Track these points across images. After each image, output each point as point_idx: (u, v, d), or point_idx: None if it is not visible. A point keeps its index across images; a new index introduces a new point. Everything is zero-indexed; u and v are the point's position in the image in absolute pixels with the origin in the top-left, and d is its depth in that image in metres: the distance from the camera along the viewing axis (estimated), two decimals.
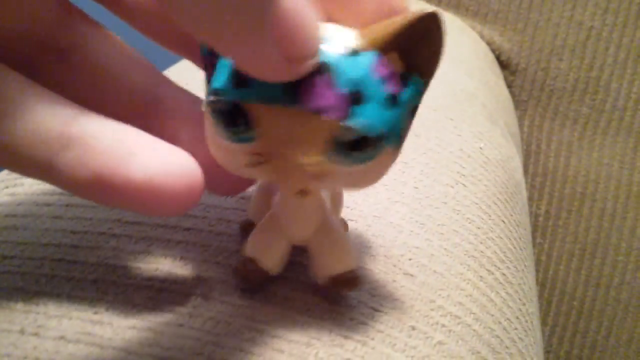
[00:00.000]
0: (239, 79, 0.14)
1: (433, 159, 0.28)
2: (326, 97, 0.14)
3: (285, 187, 0.17)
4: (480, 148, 0.31)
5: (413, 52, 0.15)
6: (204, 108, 0.15)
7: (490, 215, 0.27)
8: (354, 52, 0.14)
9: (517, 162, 0.37)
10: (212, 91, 0.15)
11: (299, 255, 0.19)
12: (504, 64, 0.52)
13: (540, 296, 0.52)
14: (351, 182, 0.16)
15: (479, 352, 0.20)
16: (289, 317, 0.17)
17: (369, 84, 0.14)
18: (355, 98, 0.14)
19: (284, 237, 0.18)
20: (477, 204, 0.27)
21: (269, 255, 0.18)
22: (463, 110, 0.35)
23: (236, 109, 0.14)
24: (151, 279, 0.18)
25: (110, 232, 0.20)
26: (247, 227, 0.20)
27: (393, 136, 0.15)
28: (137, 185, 0.14)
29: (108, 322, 0.17)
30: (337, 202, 0.20)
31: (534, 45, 0.51)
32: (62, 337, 0.16)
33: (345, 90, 0.14)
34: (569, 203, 0.52)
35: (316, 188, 0.16)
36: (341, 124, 0.14)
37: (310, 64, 0.14)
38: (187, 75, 0.24)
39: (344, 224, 0.21)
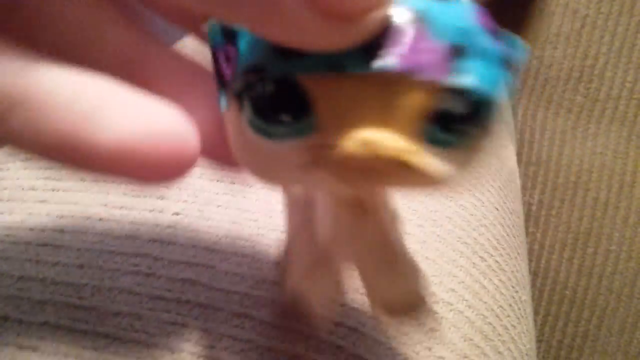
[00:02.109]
0: (286, 49, 0.10)
1: None
2: (426, 52, 0.10)
3: (337, 199, 0.12)
4: None
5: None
6: (223, 105, 0.11)
7: (483, 202, 0.27)
8: None
9: (510, 150, 0.37)
10: (249, 67, 0.10)
11: None
12: None
13: (533, 285, 0.52)
14: (438, 180, 0.10)
15: (471, 339, 0.19)
16: (279, 302, 0.17)
17: (475, 32, 0.10)
18: (459, 51, 0.10)
19: (334, 264, 0.14)
20: (470, 190, 0.26)
21: (323, 293, 0.14)
22: None
23: (286, 88, 0.10)
24: (138, 264, 0.18)
25: (97, 216, 0.20)
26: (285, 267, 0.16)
27: (500, 108, 0.11)
28: (106, 151, 0.11)
29: (93, 307, 0.16)
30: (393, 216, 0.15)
31: (528, 34, 0.51)
32: (46, 323, 0.16)
33: (445, 42, 0.10)
34: (562, 192, 0.51)
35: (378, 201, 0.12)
36: (444, 83, 0.10)
37: (377, 18, 0.09)
38: None
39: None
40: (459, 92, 0.10)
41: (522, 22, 0.39)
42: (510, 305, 0.23)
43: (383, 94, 0.10)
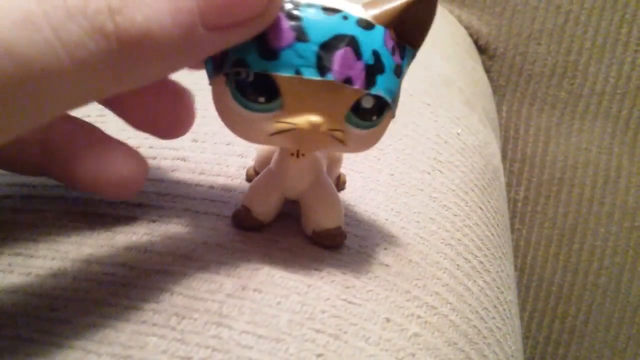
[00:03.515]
0: (268, 51, 0.15)
1: (409, 146, 0.27)
2: (354, 68, 0.15)
3: (305, 151, 0.18)
4: (458, 134, 0.31)
5: (407, 26, 0.16)
6: (210, 82, 0.16)
7: (467, 202, 0.26)
8: (370, 25, 0.16)
9: (494, 148, 0.37)
10: (236, 61, 0.15)
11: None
12: (482, 49, 0.51)
13: (519, 282, 0.52)
14: (361, 145, 0.17)
15: (455, 343, 0.19)
16: (258, 311, 0.17)
17: (384, 54, 0.16)
18: (377, 68, 0.15)
19: (278, 191, 0.19)
20: (454, 190, 0.26)
21: (262, 205, 0.19)
22: (440, 96, 0.34)
23: (262, 79, 0.15)
24: (114, 273, 0.17)
25: (72, 225, 0.19)
26: (253, 176, 0.22)
27: (396, 101, 0.17)
28: (85, 183, 0.19)
29: (66, 319, 0.16)
30: (336, 159, 0.22)
31: (512, 30, 0.50)
32: (17, 337, 0.16)
33: (369, 61, 0.15)
34: (547, 188, 0.51)
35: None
36: (366, 92, 0.15)
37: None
38: None
39: (343, 179, 0.23)
40: (375, 96, 0.16)
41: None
42: (495, 306, 0.23)
43: (326, 92, 0.15)
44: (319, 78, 0.15)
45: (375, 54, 0.15)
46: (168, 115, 0.20)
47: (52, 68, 0.13)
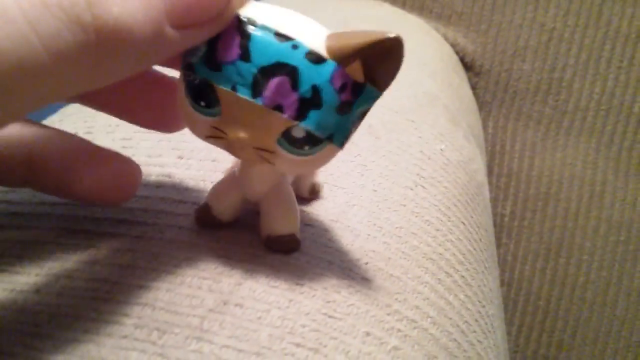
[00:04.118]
0: (213, 62, 0.16)
1: (393, 161, 0.28)
2: (288, 97, 0.16)
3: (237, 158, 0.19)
4: (441, 150, 0.31)
5: (374, 65, 0.16)
6: (180, 72, 0.17)
7: (449, 217, 0.27)
8: (319, 60, 0.16)
9: (479, 164, 0.37)
10: (186, 65, 0.16)
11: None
12: (467, 66, 0.52)
13: (507, 296, 0.52)
14: (294, 168, 0.18)
15: (435, 357, 0.19)
16: (239, 325, 0.17)
17: (326, 91, 0.16)
18: (312, 103, 0.16)
19: (239, 192, 0.20)
20: (436, 205, 0.26)
21: (222, 204, 0.20)
22: (425, 112, 0.35)
23: (205, 85, 0.16)
24: (97, 289, 0.18)
25: (56, 241, 0.20)
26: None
27: (340, 137, 0.17)
28: (83, 193, 0.20)
29: (48, 334, 0.16)
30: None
31: (497, 47, 0.51)
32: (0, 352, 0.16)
33: (305, 94, 0.16)
34: (533, 203, 0.52)
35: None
36: (296, 123, 0.16)
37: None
38: None
39: (317, 189, 0.23)
40: (304, 129, 0.16)
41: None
42: (477, 320, 0.23)
43: (258, 113, 0.16)
44: (249, 99, 0.16)
45: (315, 89, 0.16)
46: (166, 107, 0.20)
47: (29, 61, 0.13)
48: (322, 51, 0.16)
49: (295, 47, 0.15)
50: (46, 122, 0.30)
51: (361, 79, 0.16)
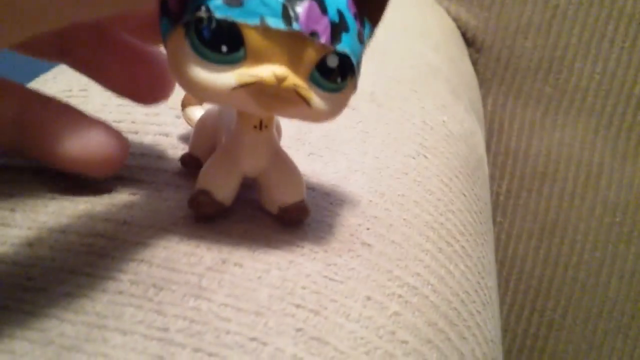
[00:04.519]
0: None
1: (395, 130, 0.27)
2: (321, 22, 0.15)
3: (245, 119, 0.17)
4: (443, 121, 0.31)
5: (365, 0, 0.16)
6: (166, 41, 0.15)
7: (451, 188, 0.26)
8: None
9: (479, 138, 0.37)
10: (198, 7, 0.14)
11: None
12: (469, 41, 0.51)
13: (499, 274, 0.52)
14: (324, 111, 0.16)
15: (435, 324, 0.19)
16: (238, 284, 0.16)
17: (348, 15, 0.15)
18: (342, 26, 0.15)
19: (237, 170, 0.18)
20: (438, 176, 0.26)
21: (223, 187, 0.18)
22: (427, 84, 0.34)
23: (226, 27, 0.14)
24: (91, 244, 0.17)
25: (50, 195, 0.19)
26: (188, 161, 0.20)
27: (359, 70, 0.16)
28: (67, 163, 0.19)
29: (42, 288, 0.16)
30: (277, 131, 0.21)
31: (500, 23, 0.51)
32: None
33: (334, 18, 0.15)
34: (529, 182, 0.52)
35: (271, 121, 0.18)
36: (333, 47, 0.15)
37: None
38: None
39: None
40: (336, 54, 0.15)
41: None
42: (476, 291, 0.23)
43: (291, 45, 0.15)
44: (284, 28, 0.14)
45: (340, 13, 0.15)
46: (148, 80, 0.20)
47: None
48: None
49: None
50: (40, 79, 0.29)
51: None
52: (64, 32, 0.19)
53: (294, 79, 0.15)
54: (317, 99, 0.16)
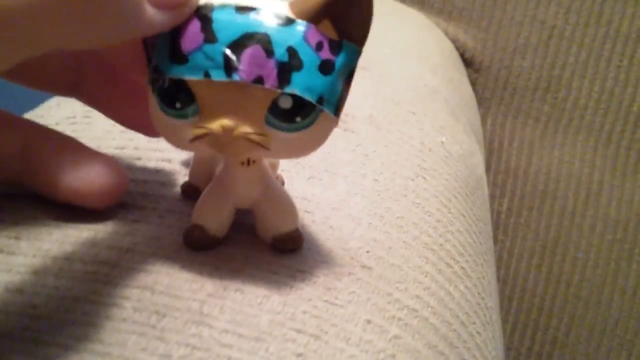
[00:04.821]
0: (179, 55, 0.15)
1: (394, 152, 0.27)
2: (266, 66, 0.15)
3: (229, 156, 0.17)
4: (442, 142, 0.31)
5: (344, 20, 0.16)
6: (147, 89, 0.16)
7: (450, 209, 0.27)
8: (288, 21, 0.15)
9: (478, 158, 0.37)
10: (152, 69, 0.16)
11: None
12: (468, 62, 0.52)
13: (502, 293, 0.52)
14: (292, 150, 0.16)
15: (435, 346, 0.19)
16: (239, 310, 0.17)
17: (304, 51, 0.15)
18: (292, 65, 0.15)
19: (230, 202, 0.18)
20: (437, 197, 0.26)
21: (215, 221, 0.18)
22: (426, 105, 0.34)
23: (177, 84, 0.15)
24: (95, 272, 0.17)
25: (55, 224, 0.19)
26: (188, 190, 0.21)
27: (330, 101, 0.16)
28: (68, 195, 0.19)
29: (46, 316, 0.16)
30: (274, 162, 0.21)
31: (498, 44, 0.51)
32: None
33: (282, 58, 0.15)
34: (530, 200, 0.52)
35: (259, 157, 0.18)
36: (280, 91, 0.15)
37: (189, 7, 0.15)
38: None
39: (281, 180, 0.22)
40: (291, 95, 0.15)
41: None
42: (476, 312, 0.23)
43: (238, 94, 0.15)
44: (225, 79, 0.15)
45: (291, 50, 0.15)
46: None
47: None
48: (289, 13, 0.15)
49: (259, 15, 0.15)
50: (44, 105, 0.29)
51: (335, 36, 0.16)
52: (74, 67, 0.20)
53: (242, 128, 0.15)
54: (277, 141, 0.16)
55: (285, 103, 0.15)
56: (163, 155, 0.23)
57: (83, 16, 0.14)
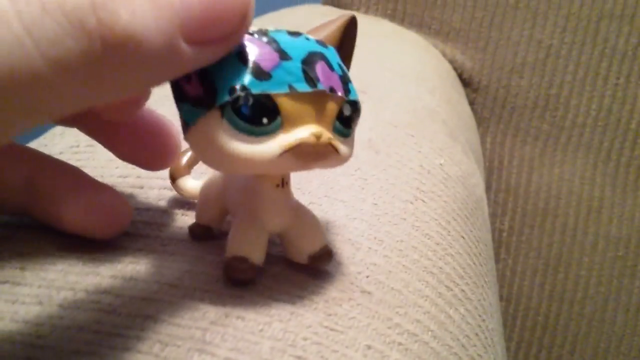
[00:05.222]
0: (262, 72, 0.16)
1: (393, 175, 0.28)
2: (333, 78, 0.17)
3: (268, 180, 0.18)
4: (441, 164, 0.32)
5: (342, 47, 0.18)
6: (194, 126, 0.16)
7: (449, 231, 0.27)
8: (325, 45, 0.17)
9: (478, 179, 0.37)
10: (233, 88, 0.15)
11: None
12: (466, 82, 0.52)
13: (506, 312, 0.52)
14: (345, 157, 0.18)
15: None
16: (241, 338, 0.17)
17: (344, 68, 0.18)
18: (347, 77, 0.17)
19: (264, 230, 0.19)
20: (436, 219, 0.27)
21: (256, 250, 0.18)
22: (424, 127, 0.35)
23: (262, 99, 0.16)
24: (99, 301, 0.18)
25: (58, 253, 0.20)
26: (197, 231, 0.21)
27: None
28: (72, 226, 0.19)
29: (51, 345, 0.16)
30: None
31: (495, 64, 0.52)
32: None
33: (339, 72, 0.17)
34: (531, 219, 0.52)
35: (289, 177, 0.19)
36: (347, 98, 0.17)
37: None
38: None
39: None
40: (349, 102, 0.17)
41: None
42: (477, 334, 0.23)
43: (317, 104, 0.16)
44: (309, 90, 0.16)
45: (341, 67, 0.17)
46: (154, 148, 0.21)
47: (23, 69, 0.11)
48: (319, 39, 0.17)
49: (307, 39, 0.17)
50: (48, 134, 0.30)
51: None
52: None
53: (327, 134, 0.17)
54: (342, 146, 0.17)
55: (348, 110, 0.17)
56: (165, 183, 0.23)
57: (98, 81, 0.13)
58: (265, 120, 0.16)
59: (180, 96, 0.16)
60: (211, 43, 0.14)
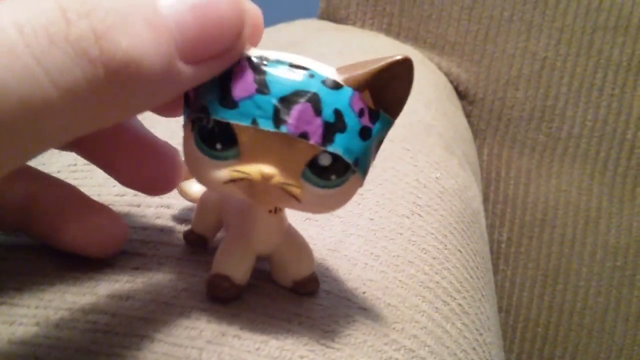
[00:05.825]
0: (229, 100, 0.16)
1: (389, 190, 0.28)
2: (313, 123, 0.16)
3: (259, 204, 0.18)
4: (437, 178, 0.32)
5: (384, 92, 0.16)
6: (185, 116, 0.17)
7: (446, 245, 0.27)
8: (337, 86, 0.16)
9: (474, 191, 0.37)
10: (200, 108, 0.16)
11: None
12: (462, 94, 0.53)
13: (505, 323, 0.52)
14: (319, 205, 0.17)
15: None
16: (237, 357, 0.17)
17: (348, 115, 0.16)
18: (337, 127, 0.16)
19: (252, 251, 0.19)
20: (432, 234, 0.27)
21: (240, 270, 0.19)
22: (420, 141, 0.35)
23: (221, 127, 0.16)
24: (96, 321, 0.18)
25: (56, 273, 0.20)
26: (191, 238, 0.21)
27: (362, 165, 0.17)
28: (69, 245, 0.20)
29: None
30: None
31: (491, 76, 0.52)
32: None
33: (329, 118, 0.16)
34: (529, 229, 0.52)
35: (289, 207, 0.18)
36: (323, 148, 0.16)
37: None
38: None
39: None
40: (331, 154, 0.16)
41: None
42: (474, 348, 0.24)
43: (281, 145, 0.16)
44: (272, 129, 0.15)
45: (337, 113, 0.16)
46: (154, 174, 0.21)
47: (35, 98, 0.12)
48: (338, 78, 0.16)
49: (311, 75, 0.16)
50: (46, 153, 0.30)
51: (372, 106, 0.17)
52: None
53: (280, 178, 0.16)
54: (309, 195, 0.16)
55: (325, 160, 0.16)
56: (162, 202, 0.23)
57: (104, 105, 0.13)
58: (219, 146, 0.16)
59: (185, 98, 0.17)
60: (208, 61, 0.15)
